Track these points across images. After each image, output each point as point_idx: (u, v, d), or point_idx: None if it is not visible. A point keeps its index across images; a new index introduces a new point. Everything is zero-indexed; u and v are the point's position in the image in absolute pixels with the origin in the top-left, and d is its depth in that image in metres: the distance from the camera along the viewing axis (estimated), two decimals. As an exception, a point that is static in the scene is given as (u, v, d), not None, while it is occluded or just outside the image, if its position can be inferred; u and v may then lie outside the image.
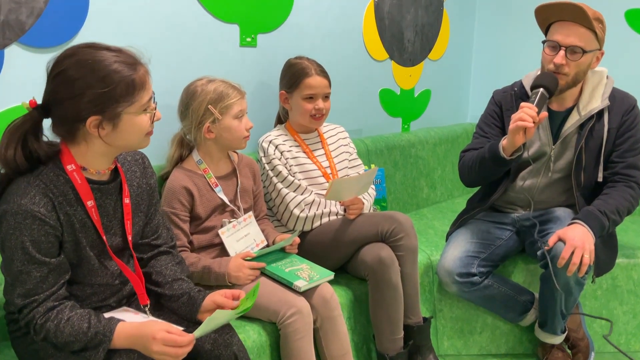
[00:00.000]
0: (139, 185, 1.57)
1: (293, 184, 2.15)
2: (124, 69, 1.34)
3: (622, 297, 2.43)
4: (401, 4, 3.01)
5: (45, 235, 1.33)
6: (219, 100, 1.90)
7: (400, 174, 2.97)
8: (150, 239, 1.62)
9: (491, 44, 3.57)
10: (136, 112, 1.38)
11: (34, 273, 1.33)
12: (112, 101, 1.33)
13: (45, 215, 1.33)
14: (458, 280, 2.17)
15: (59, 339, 1.34)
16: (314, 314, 1.85)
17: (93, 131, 1.35)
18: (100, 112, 1.33)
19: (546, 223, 2.17)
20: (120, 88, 1.33)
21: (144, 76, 1.38)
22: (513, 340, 2.42)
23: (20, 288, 1.34)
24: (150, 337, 1.33)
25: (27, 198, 1.31)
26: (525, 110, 1.92)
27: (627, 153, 2.11)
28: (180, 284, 1.59)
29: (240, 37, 2.33)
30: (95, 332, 1.34)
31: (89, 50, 1.34)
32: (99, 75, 1.31)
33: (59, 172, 1.38)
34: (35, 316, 1.34)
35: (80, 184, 1.39)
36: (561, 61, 2.00)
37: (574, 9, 1.97)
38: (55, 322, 1.34)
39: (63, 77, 1.32)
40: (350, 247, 2.09)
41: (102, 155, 1.43)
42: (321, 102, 2.18)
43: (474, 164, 2.15)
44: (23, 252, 1.32)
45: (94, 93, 1.31)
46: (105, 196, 1.47)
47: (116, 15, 1.94)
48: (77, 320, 1.35)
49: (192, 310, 1.55)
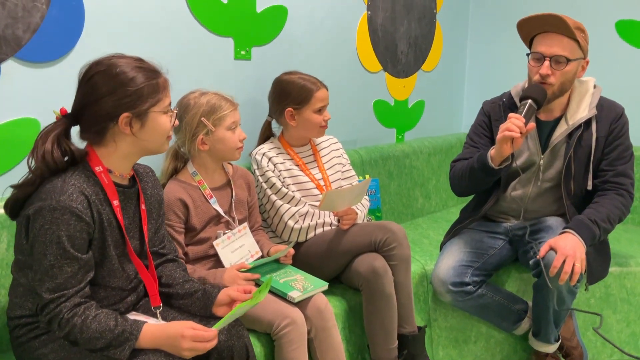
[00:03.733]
0: (152, 195, 1.66)
1: (287, 195, 2.17)
2: (148, 73, 1.48)
3: (615, 306, 2.44)
4: (394, 17, 3.04)
5: (80, 231, 1.39)
6: (212, 112, 1.92)
7: (394, 184, 2.99)
8: (158, 248, 1.70)
9: (484, 55, 3.61)
10: (160, 111, 1.49)
11: (66, 268, 1.38)
12: (140, 99, 1.45)
13: (82, 212, 1.39)
14: (452, 289, 2.18)
15: (84, 334, 1.37)
16: (308, 325, 1.86)
17: (124, 128, 1.45)
18: (131, 109, 1.44)
19: (538, 232, 2.19)
20: (146, 88, 1.46)
21: (165, 82, 1.52)
22: (507, 349, 2.43)
23: (49, 282, 1.38)
24: (179, 336, 1.40)
25: (66, 195, 1.38)
26: (512, 121, 1.95)
27: (617, 161, 2.13)
28: (192, 284, 1.68)
29: (235, 50, 2.35)
30: (122, 330, 1.39)
31: (115, 59, 1.47)
32: (126, 77, 1.44)
33: (89, 173, 1.46)
34: (63, 310, 1.37)
35: (108, 184, 1.48)
36: (546, 71, 2.04)
37: (555, 20, 2.01)
38: (83, 318, 1.38)
39: (93, 81, 1.44)
40: (344, 257, 2.11)
41: (126, 157, 1.52)
42: (327, 112, 2.24)
43: (463, 173, 2.17)
44: (58, 247, 1.37)
45: (124, 91, 1.43)
46: (127, 199, 1.55)
47: (111, 29, 1.96)
48: (105, 317, 1.40)
49: (207, 304, 1.62)
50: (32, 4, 1.76)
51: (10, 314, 1.52)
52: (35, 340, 1.47)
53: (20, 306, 1.48)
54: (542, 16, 2.04)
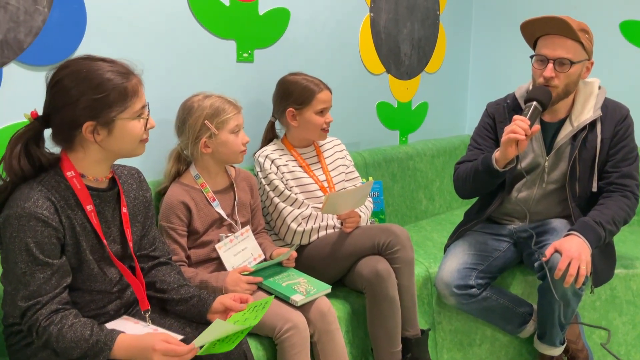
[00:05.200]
0: (136, 197, 1.63)
1: (290, 198, 2.16)
2: (117, 77, 1.41)
3: (621, 308, 2.42)
4: (397, 18, 3.03)
5: (48, 237, 1.38)
6: (216, 115, 1.92)
7: (398, 187, 2.98)
8: (149, 251, 1.68)
9: (488, 56, 3.60)
10: (129, 117, 1.44)
11: (38, 274, 1.37)
12: (105, 107, 1.40)
13: (48, 217, 1.37)
14: (456, 292, 2.17)
15: (60, 343, 1.36)
16: (311, 328, 1.85)
17: (89, 136, 1.41)
18: (95, 118, 1.40)
19: (543, 234, 2.17)
20: (113, 95, 1.40)
21: (136, 85, 1.45)
22: (512, 352, 2.42)
23: (23, 290, 1.37)
24: (151, 349, 1.36)
25: (31, 202, 1.36)
26: (517, 123, 1.93)
27: (621, 163, 2.11)
28: (187, 289, 1.66)
29: (237, 53, 2.35)
30: (96, 340, 1.37)
31: (84, 62, 1.43)
32: (93, 83, 1.39)
33: (60, 178, 1.44)
34: (39, 318, 1.36)
35: (80, 189, 1.45)
36: (550, 74, 2.02)
37: (558, 22, 2.00)
38: (59, 327, 1.36)
39: (60, 86, 1.40)
40: (348, 260, 2.10)
41: (98, 162, 1.48)
42: (329, 114, 2.23)
43: (468, 176, 2.16)
44: (27, 254, 1.36)
45: (88, 99, 1.38)
46: (104, 203, 1.52)
47: (113, 33, 1.96)
48: (80, 327, 1.37)
49: (202, 311, 1.61)
50: (34, 7, 1.76)
51: (4, 322, 1.51)
52: (27, 348, 1.47)
53: (11, 314, 1.47)
54: (545, 18, 2.03)
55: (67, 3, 1.83)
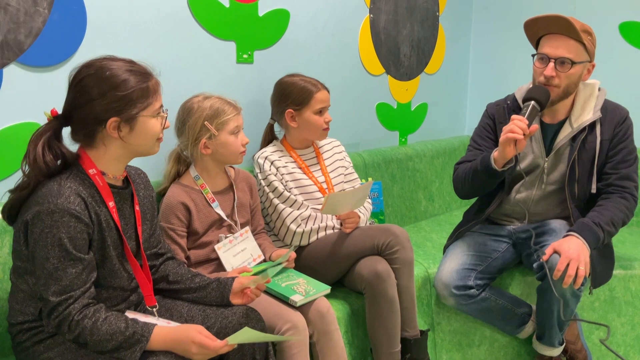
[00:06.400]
0: (144, 196, 1.67)
1: (289, 199, 2.17)
2: (138, 77, 1.47)
3: (619, 309, 2.43)
4: (397, 20, 3.04)
5: (80, 232, 1.40)
6: (215, 116, 1.92)
7: (397, 187, 2.99)
8: (157, 249, 1.73)
9: (488, 57, 3.60)
10: (150, 115, 1.48)
11: (70, 269, 1.38)
12: (129, 104, 1.44)
13: (81, 213, 1.40)
14: (455, 293, 2.17)
15: (94, 336, 1.38)
16: (310, 329, 1.86)
17: (112, 132, 1.45)
18: (119, 114, 1.44)
19: (541, 235, 2.18)
20: (136, 92, 1.45)
21: (156, 85, 1.51)
22: (511, 353, 2.42)
23: (55, 285, 1.38)
24: (189, 341, 1.42)
25: (63, 197, 1.38)
26: (515, 123, 1.94)
27: (621, 164, 2.12)
28: (202, 277, 1.72)
29: (237, 54, 2.35)
30: (133, 332, 1.40)
31: (106, 62, 1.46)
32: (116, 81, 1.43)
33: (83, 175, 1.47)
34: (72, 312, 1.38)
35: (102, 186, 1.48)
36: (551, 73, 2.03)
37: (562, 21, 2.00)
38: (93, 320, 1.38)
39: (83, 84, 1.43)
40: (347, 260, 2.10)
41: (118, 160, 1.52)
42: (328, 114, 2.24)
43: (467, 176, 2.16)
44: (60, 249, 1.37)
45: (113, 96, 1.43)
46: (123, 200, 1.56)
47: (113, 34, 1.97)
48: (115, 319, 1.40)
49: (224, 293, 1.67)
50: (34, 8, 1.76)
51: (12, 320, 1.51)
52: (40, 344, 1.47)
53: (22, 312, 1.48)
54: (548, 17, 2.03)
55: (67, 4, 1.83)
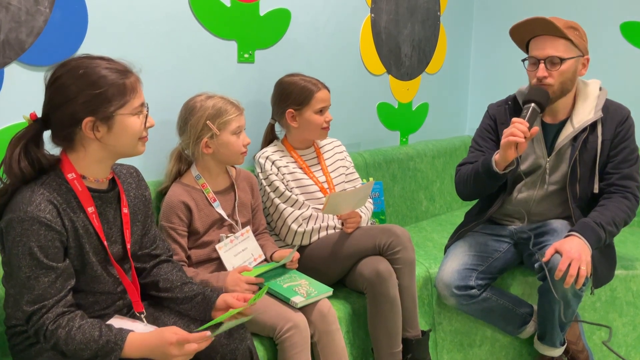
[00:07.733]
0: (135, 196, 1.63)
1: (290, 199, 2.16)
2: (115, 74, 1.42)
3: (621, 309, 2.42)
4: (398, 19, 3.04)
5: (51, 240, 1.37)
6: (218, 116, 1.92)
7: (398, 187, 2.98)
8: (150, 250, 1.68)
9: (489, 57, 3.60)
10: (128, 113, 1.43)
11: (42, 278, 1.36)
12: (104, 102, 1.40)
13: (51, 221, 1.36)
14: (456, 293, 2.17)
15: (70, 346, 1.36)
16: (311, 329, 1.85)
17: (89, 133, 1.41)
18: (94, 113, 1.39)
19: (543, 235, 2.18)
20: (112, 90, 1.40)
21: (135, 82, 1.45)
22: (513, 353, 2.42)
23: (28, 295, 1.36)
24: (166, 343, 1.36)
25: (33, 205, 1.35)
26: (516, 126, 1.94)
27: (622, 164, 2.12)
28: (191, 287, 1.66)
29: (238, 53, 2.35)
30: (106, 341, 1.36)
31: (82, 60, 1.43)
32: (91, 79, 1.39)
33: (61, 181, 1.43)
34: (46, 322, 1.36)
35: (81, 191, 1.44)
36: (543, 74, 2.04)
37: (543, 22, 2.02)
38: (67, 330, 1.36)
39: (58, 84, 1.40)
40: (348, 260, 2.10)
41: (99, 162, 1.47)
42: (328, 113, 2.23)
43: (469, 177, 2.16)
44: (31, 258, 1.35)
45: (87, 94, 1.38)
46: (105, 204, 1.52)
47: (115, 33, 1.96)
48: (89, 328, 1.37)
49: (206, 309, 1.61)
50: (36, 7, 1.76)
51: (7, 323, 1.51)
52: (31, 348, 1.47)
53: (14, 316, 1.47)
54: (530, 21, 2.06)
55: (68, 3, 1.83)
